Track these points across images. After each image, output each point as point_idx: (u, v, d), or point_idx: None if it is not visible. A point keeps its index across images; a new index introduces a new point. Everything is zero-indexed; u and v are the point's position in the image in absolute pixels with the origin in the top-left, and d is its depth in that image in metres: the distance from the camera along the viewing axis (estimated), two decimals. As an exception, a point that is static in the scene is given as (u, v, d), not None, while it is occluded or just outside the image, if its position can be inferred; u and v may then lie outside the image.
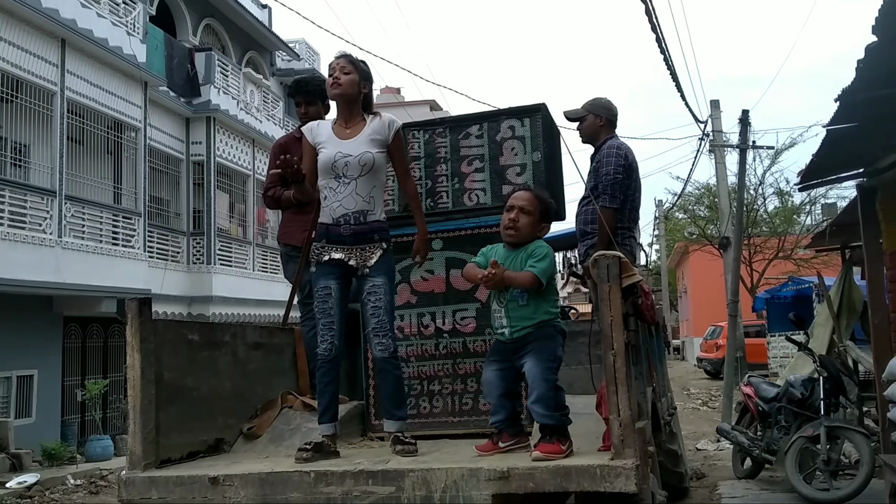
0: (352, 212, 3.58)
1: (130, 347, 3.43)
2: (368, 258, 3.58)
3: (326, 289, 3.61)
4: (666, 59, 10.19)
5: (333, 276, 3.61)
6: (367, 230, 3.60)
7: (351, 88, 3.67)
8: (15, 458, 10.36)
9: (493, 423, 3.42)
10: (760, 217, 24.44)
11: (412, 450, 3.42)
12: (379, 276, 3.57)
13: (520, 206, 3.48)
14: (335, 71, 3.68)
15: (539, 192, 3.65)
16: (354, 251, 3.59)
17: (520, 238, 3.48)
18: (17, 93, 11.18)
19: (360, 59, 3.79)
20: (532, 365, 3.30)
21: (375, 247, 3.60)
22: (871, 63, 3.82)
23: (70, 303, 12.37)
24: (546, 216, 3.53)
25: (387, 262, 3.63)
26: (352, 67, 3.69)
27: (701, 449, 9.45)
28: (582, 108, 4.99)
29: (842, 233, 8.17)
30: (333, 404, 3.62)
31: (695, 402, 15.66)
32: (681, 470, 6.10)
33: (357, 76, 3.68)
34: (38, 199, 11.41)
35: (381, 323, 3.54)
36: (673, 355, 35.61)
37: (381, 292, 3.56)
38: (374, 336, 3.56)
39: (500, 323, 3.44)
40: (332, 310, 3.60)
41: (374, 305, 3.55)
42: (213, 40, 18.49)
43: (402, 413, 3.62)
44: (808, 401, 6.56)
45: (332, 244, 3.61)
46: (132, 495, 3.32)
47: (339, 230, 3.60)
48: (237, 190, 17.79)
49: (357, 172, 3.58)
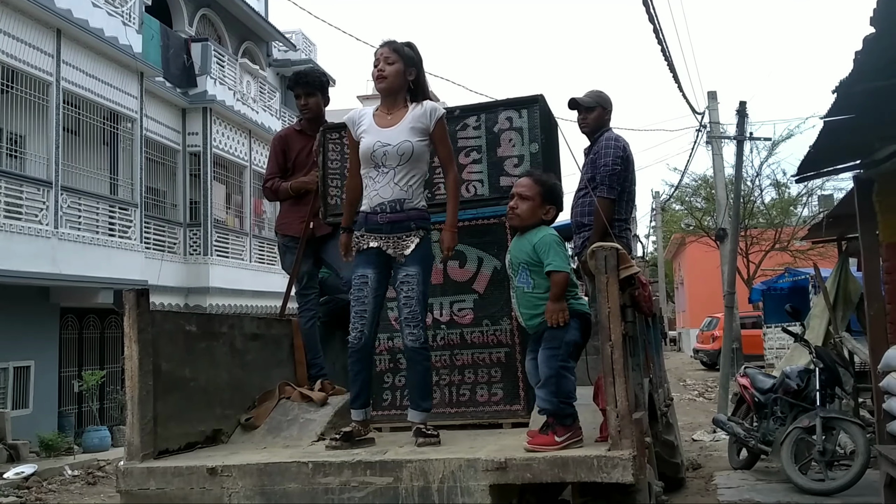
0: (388, 200, 3.57)
1: (128, 338, 3.43)
2: (405, 246, 3.57)
3: (363, 277, 3.60)
4: (663, 49, 10.18)
5: (371, 265, 3.61)
6: (403, 218, 3.58)
7: (396, 79, 3.63)
8: (12, 448, 10.35)
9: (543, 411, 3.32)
10: (757, 208, 24.47)
11: (435, 441, 3.41)
12: (413, 266, 3.56)
13: (518, 193, 3.49)
14: (379, 62, 3.64)
15: (539, 175, 3.61)
16: (391, 239, 3.58)
17: (520, 222, 3.49)
18: (13, 83, 11.13)
19: (405, 42, 3.72)
20: (541, 351, 3.34)
21: (412, 234, 3.58)
22: (868, 54, 3.81)
23: (67, 294, 12.35)
24: (549, 198, 3.49)
25: (423, 250, 3.60)
26: (396, 56, 3.63)
27: (697, 440, 9.48)
28: (591, 100, 5.00)
29: (838, 224, 8.18)
30: (365, 391, 3.62)
31: (691, 393, 15.70)
32: (677, 460, 6.13)
33: (402, 64, 3.64)
34: (35, 189, 11.38)
35: (412, 313, 3.53)
36: (669, 346, 35.72)
37: (413, 282, 3.54)
38: (406, 326, 3.55)
39: (518, 312, 3.52)
40: (366, 298, 3.59)
41: (407, 295, 3.54)
42: (209, 31, 18.42)
43: (427, 405, 3.61)
44: (803, 392, 6.58)
45: (370, 233, 3.60)
46: (130, 486, 3.33)
47: (375, 218, 3.59)
48: (234, 181, 17.76)
49: (396, 162, 3.57)
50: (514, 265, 3.48)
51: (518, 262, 3.46)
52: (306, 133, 4.93)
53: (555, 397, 3.27)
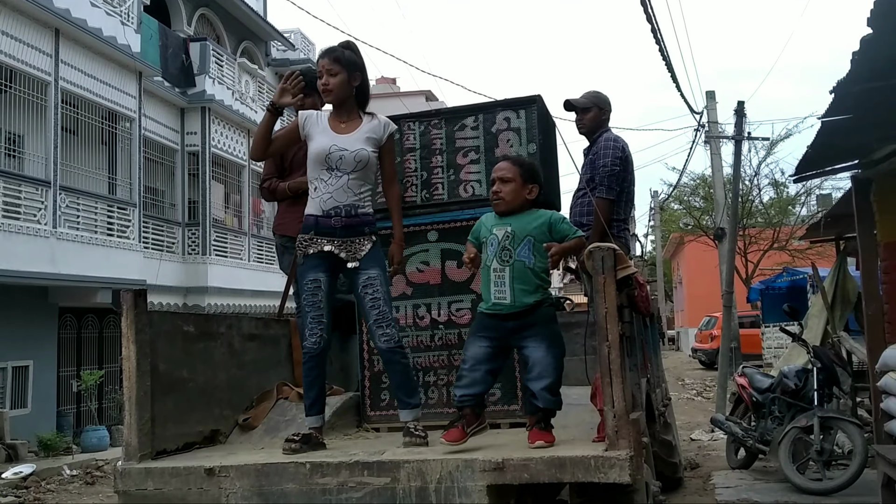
0: (343, 205, 3.57)
1: (126, 339, 3.43)
2: (359, 250, 3.57)
3: (316, 282, 3.60)
4: (662, 49, 10.19)
5: (322, 269, 3.60)
6: (357, 223, 3.59)
7: (341, 90, 3.65)
8: (11, 448, 10.34)
9: (468, 395, 3.32)
10: (756, 208, 24.48)
11: (420, 441, 3.40)
12: (373, 268, 3.57)
13: (499, 177, 3.51)
14: (322, 75, 3.66)
15: (515, 157, 3.72)
16: (345, 243, 3.58)
17: (509, 205, 3.49)
18: (11, 83, 11.12)
19: (344, 47, 3.72)
20: (544, 351, 3.31)
21: (365, 239, 3.60)
22: (866, 55, 3.82)
23: (65, 293, 12.34)
24: (529, 177, 3.52)
25: (377, 253, 3.63)
26: (338, 67, 3.63)
27: (695, 439, 9.49)
28: (587, 100, 5.00)
29: (836, 224, 8.18)
30: (321, 398, 3.64)
31: (689, 392, 15.71)
32: (675, 460, 6.13)
33: (345, 73, 3.64)
34: (33, 189, 11.37)
35: (381, 314, 3.53)
36: (668, 346, 35.74)
37: (377, 283, 3.56)
38: (378, 328, 3.54)
39: (499, 289, 3.37)
40: (321, 303, 3.59)
41: (373, 297, 3.54)
42: (207, 30, 18.40)
43: (415, 400, 3.61)
44: (801, 391, 6.58)
45: (321, 236, 3.59)
46: (128, 486, 3.33)
47: (329, 222, 3.58)
48: (232, 180, 17.75)
49: (351, 168, 3.59)
50: (519, 237, 3.41)
51: (525, 234, 3.41)
52: (303, 133, 4.92)
53: (557, 398, 3.30)
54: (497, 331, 3.40)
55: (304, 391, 3.68)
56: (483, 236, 3.51)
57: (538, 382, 3.30)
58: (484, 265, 3.46)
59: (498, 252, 3.42)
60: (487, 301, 3.45)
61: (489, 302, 3.43)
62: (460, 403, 3.36)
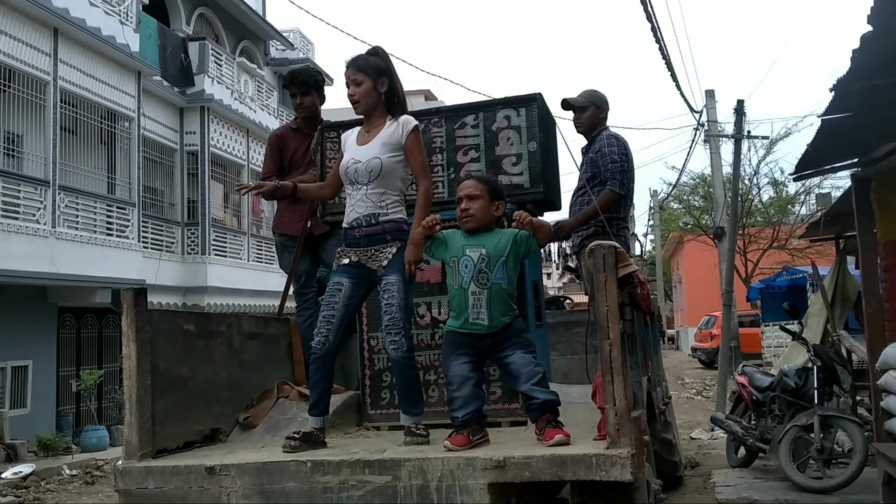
0: (363, 215, 3.60)
1: (126, 338, 3.42)
2: (383, 258, 3.58)
3: (338, 284, 3.62)
4: (661, 48, 10.19)
5: (348, 275, 3.62)
6: (379, 231, 3.59)
7: (368, 99, 3.62)
8: (10, 448, 10.34)
9: (468, 412, 3.33)
10: (755, 207, 24.48)
11: (423, 441, 3.41)
12: (392, 274, 3.54)
13: (466, 195, 3.49)
14: (349, 86, 3.64)
15: (480, 174, 3.76)
16: (370, 252, 3.60)
17: (478, 223, 3.47)
18: (10, 82, 11.11)
19: (371, 53, 3.68)
20: (522, 357, 3.34)
21: (389, 246, 3.58)
22: (866, 53, 3.82)
23: (64, 293, 12.33)
24: (495, 194, 3.52)
25: (401, 259, 3.55)
26: (361, 75, 3.61)
27: (695, 438, 9.49)
28: (584, 99, 5.00)
29: (836, 223, 8.18)
30: (325, 398, 3.63)
31: (689, 391, 15.71)
32: (675, 459, 6.13)
33: (370, 81, 3.61)
34: (32, 189, 11.36)
35: (392, 321, 3.50)
36: (667, 345, 35.73)
37: (393, 290, 3.52)
38: (387, 334, 3.53)
39: (477, 311, 3.37)
40: (336, 304, 3.59)
41: (387, 303, 3.52)
42: (206, 29, 18.39)
43: (417, 410, 3.60)
44: (801, 390, 6.58)
45: (349, 247, 3.64)
46: (128, 485, 3.33)
47: (353, 233, 3.62)
48: (232, 180, 17.73)
49: (366, 178, 3.59)
50: (493, 259, 3.40)
51: (498, 256, 3.41)
52: (302, 132, 4.93)
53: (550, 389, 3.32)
54: (474, 347, 3.42)
55: (310, 391, 3.67)
56: (453, 255, 3.46)
57: (529, 382, 3.31)
58: (459, 287, 3.42)
59: (475, 275, 3.40)
60: (460, 320, 3.42)
61: (464, 321, 3.41)
62: (463, 422, 3.33)
